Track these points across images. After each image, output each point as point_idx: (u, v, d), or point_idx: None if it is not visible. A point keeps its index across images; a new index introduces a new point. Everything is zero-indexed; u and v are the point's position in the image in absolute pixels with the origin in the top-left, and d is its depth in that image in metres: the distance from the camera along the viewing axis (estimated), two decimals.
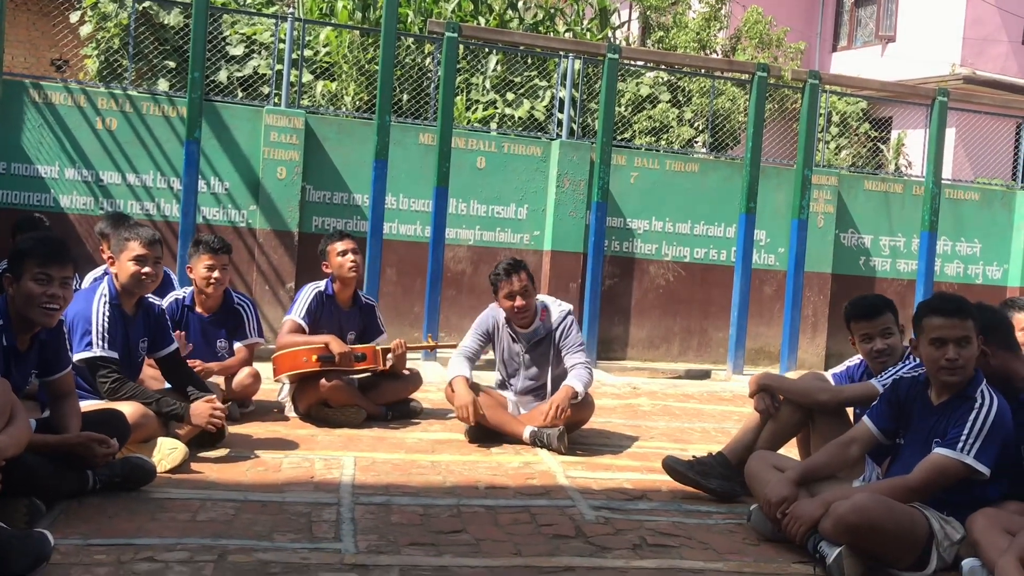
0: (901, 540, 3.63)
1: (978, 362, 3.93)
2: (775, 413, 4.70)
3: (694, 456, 4.88)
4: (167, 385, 5.23)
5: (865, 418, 4.14)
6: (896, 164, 15.14)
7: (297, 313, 6.11)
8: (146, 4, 11.44)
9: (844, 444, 4.13)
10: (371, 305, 6.57)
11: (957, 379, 3.83)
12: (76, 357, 4.59)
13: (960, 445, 3.69)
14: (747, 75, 10.80)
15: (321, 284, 6.30)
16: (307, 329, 6.10)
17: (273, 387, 6.40)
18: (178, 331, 5.70)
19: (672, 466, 4.80)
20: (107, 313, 4.77)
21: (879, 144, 15.35)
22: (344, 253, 6.22)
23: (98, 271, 6.63)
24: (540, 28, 13.92)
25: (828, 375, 5.17)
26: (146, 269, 4.89)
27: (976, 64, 18.78)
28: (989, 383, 3.87)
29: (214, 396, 5.04)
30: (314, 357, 5.91)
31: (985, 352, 4.00)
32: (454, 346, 6.16)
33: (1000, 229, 12.07)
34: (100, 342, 4.70)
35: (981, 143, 14.10)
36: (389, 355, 6.23)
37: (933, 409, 3.92)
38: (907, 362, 4.57)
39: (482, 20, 13.37)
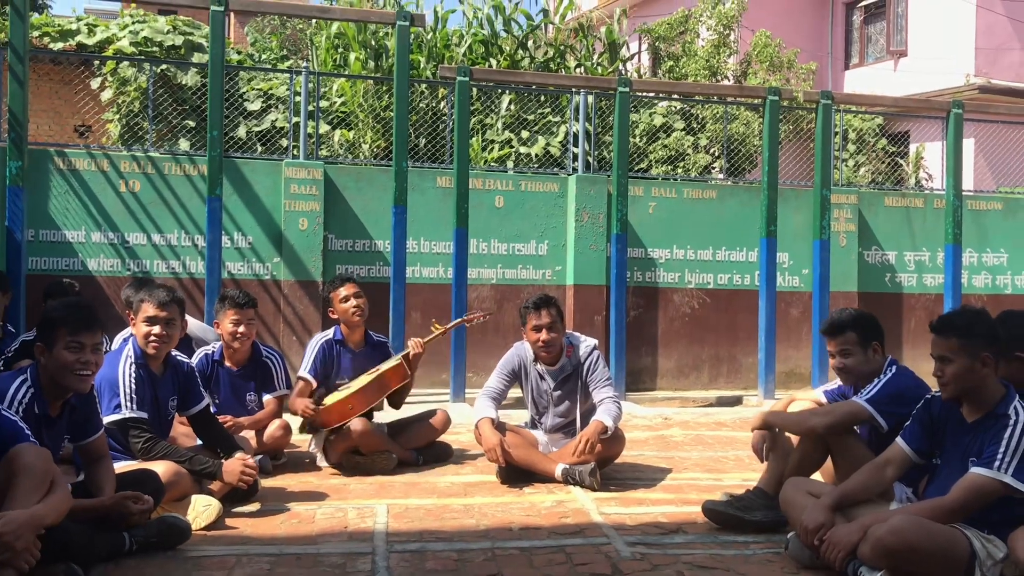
0: (941, 561, 3.57)
1: (1004, 372, 3.89)
2: (769, 452, 4.75)
3: (730, 495, 4.85)
4: (199, 441, 5.29)
5: (899, 439, 4.09)
6: (916, 178, 15.07)
7: (304, 369, 6.21)
8: (164, 67, 11.65)
9: (879, 467, 4.08)
10: (383, 342, 6.60)
11: (946, 395, 3.88)
12: (106, 420, 4.63)
13: (997, 464, 3.64)
14: (759, 99, 10.84)
15: (329, 332, 6.38)
16: (315, 383, 6.18)
17: (303, 438, 6.43)
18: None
19: (711, 509, 4.76)
20: (133, 374, 4.83)
21: (898, 159, 15.30)
22: (347, 299, 6.28)
23: (126, 332, 6.71)
24: (551, 65, 14.04)
25: (820, 391, 5.19)
26: (155, 330, 4.95)
27: (991, 73, 18.71)
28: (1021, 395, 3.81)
29: (246, 454, 5.08)
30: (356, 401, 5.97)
31: (1021, 360, 3.99)
32: (471, 320, 6.37)
33: None
34: (129, 403, 4.76)
35: (1001, 152, 14.02)
36: (411, 354, 6.23)
37: (967, 427, 3.87)
38: (886, 375, 4.56)
39: (493, 61, 13.50)
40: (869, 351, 4.66)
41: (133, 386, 4.80)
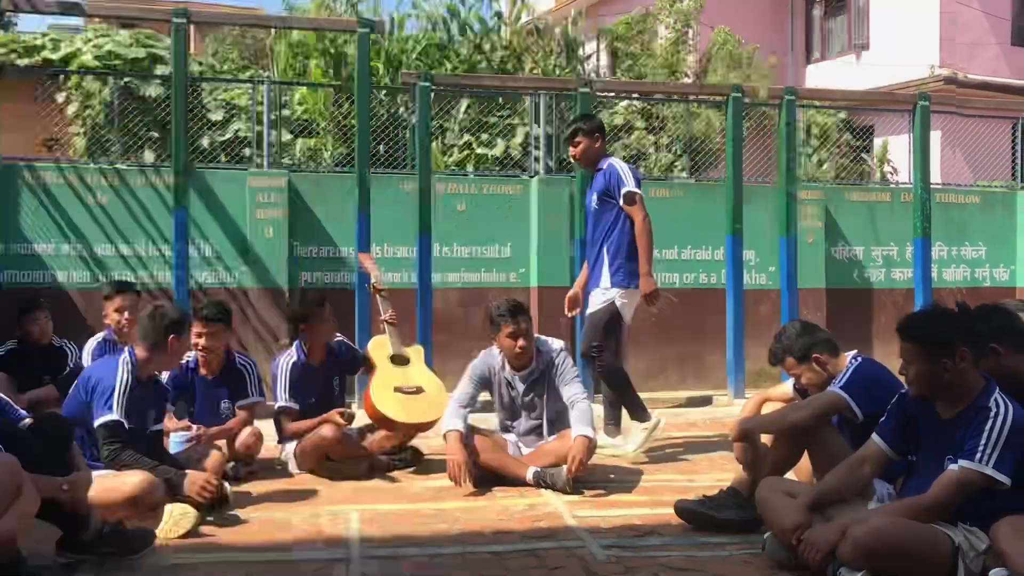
0: (923, 560, 3.60)
1: (986, 366, 3.93)
2: (757, 461, 4.73)
3: (704, 495, 4.88)
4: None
5: (875, 436, 4.09)
6: (881, 172, 15.20)
7: (283, 399, 6.22)
8: (127, 79, 11.62)
9: (856, 464, 4.08)
10: (341, 343, 6.63)
11: (912, 394, 3.93)
12: (97, 422, 4.73)
13: (978, 456, 3.64)
14: (722, 97, 10.90)
15: (292, 353, 6.37)
16: (298, 408, 6.22)
17: (275, 444, 6.44)
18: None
19: (684, 507, 4.80)
20: (129, 382, 4.88)
21: (862, 154, 15.43)
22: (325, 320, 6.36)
23: (99, 336, 6.77)
24: (508, 67, 14.04)
25: (789, 384, 5.28)
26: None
27: (968, 68, 18.84)
28: (1001, 386, 3.84)
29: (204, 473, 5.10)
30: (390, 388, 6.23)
31: (998, 353, 4.04)
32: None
33: (1004, 231, 11.97)
34: (119, 408, 4.79)
35: (976, 146, 14.09)
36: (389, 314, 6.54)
37: (943, 423, 3.87)
38: (852, 364, 4.66)
39: (448, 65, 13.49)
40: (811, 364, 4.78)
41: (127, 392, 4.83)
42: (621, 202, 6.64)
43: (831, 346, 4.83)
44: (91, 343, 6.73)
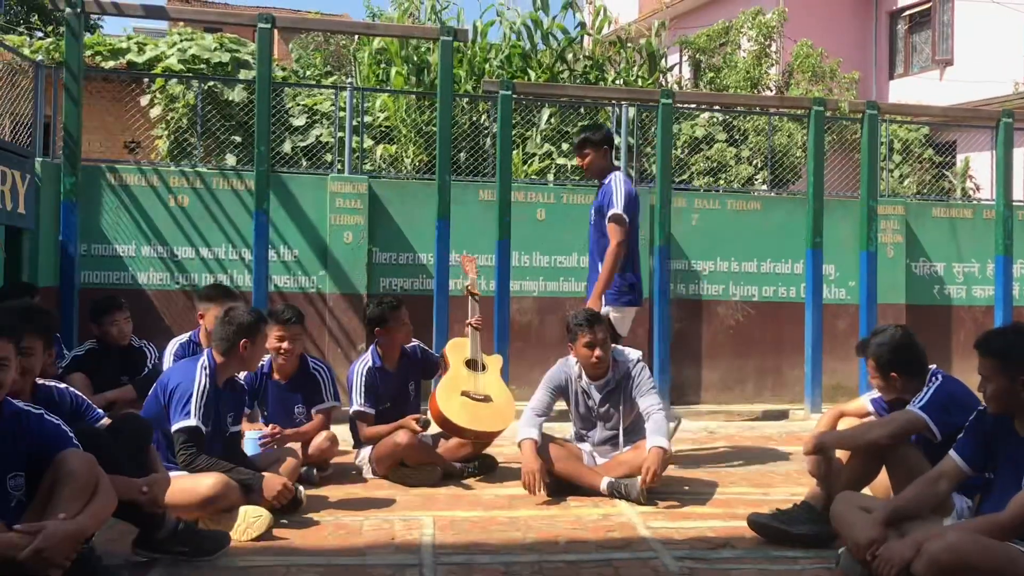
0: None
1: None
2: (831, 476, 4.69)
3: (777, 508, 4.82)
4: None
5: (952, 452, 4.04)
6: (963, 189, 14.87)
7: (359, 403, 6.24)
8: (211, 83, 11.83)
9: (932, 480, 4.03)
10: (415, 347, 6.63)
11: (990, 410, 3.89)
12: (175, 427, 4.80)
13: None
14: (803, 110, 10.75)
15: (368, 357, 6.40)
16: (374, 412, 6.24)
17: (350, 449, 6.48)
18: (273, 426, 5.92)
19: (757, 521, 4.77)
20: (207, 387, 4.94)
21: (944, 170, 15.11)
22: (396, 327, 6.37)
23: (182, 338, 6.80)
24: (590, 78, 14.04)
25: (866, 399, 5.25)
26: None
27: None
28: None
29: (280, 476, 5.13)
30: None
31: None
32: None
33: None
34: (197, 413, 4.85)
35: None
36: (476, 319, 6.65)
37: (1021, 441, 3.81)
38: (932, 383, 4.59)
39: (532, 74, 13.54)
40: (887, 377, 4.76)
41: (205, 398, 4.89)
42: (606, 220, 6.58)
43: (914, 369, 4.74)
44: (172, 344, 6.69)
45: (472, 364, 6.51)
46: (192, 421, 4.81)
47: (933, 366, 4.78)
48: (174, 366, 5.23)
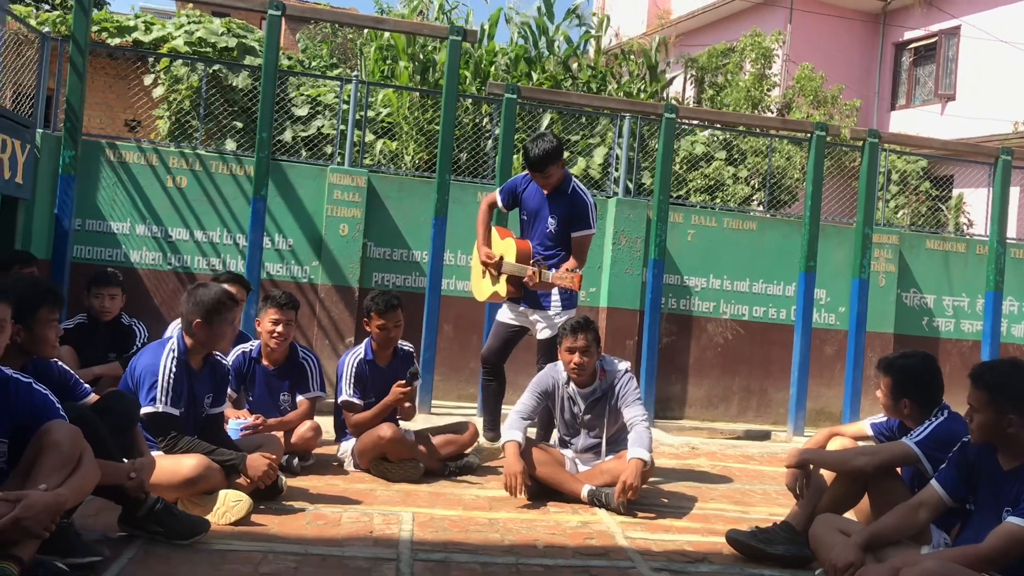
0: None
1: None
2: (805, 492, 4.70)
3: (756, 527, 4.83)
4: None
5: (933, 482, 4.05)
6: (956, 223, 14.96)
7: (347, 393, 6.18)
8: (216, 67, 11.81)
9: (912, 508, 4.04)
10: (408, 352, 6.59)
11: (973, 440, 3.91)
12: (142, 411, 4.71)
13: None
14: (804, 133, 10.80)
15: (360, 350, 6.35)
16: (361, 404, 6.19)
17: (333, 440, 6.47)
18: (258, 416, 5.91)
19: (735, 538, 4.76)
20: (173, 369, 4.86)
21: (939, 203, 15.19)
22: (384, 327, 6.24)
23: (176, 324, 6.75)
24: (592, 87, 14.08)
25: (867, 423, 5.22)
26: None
27: None
28: None
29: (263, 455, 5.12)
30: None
31: None
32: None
33: None
34: (164, 398, 4.79)
35: None
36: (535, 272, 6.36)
37: (1003, 475, 3.83)
38: (937, 418, 4.55)
39: (535, 77, 13.58)
40: (898, 402, 4.70)
41: (171, 381, 4.84)
42: (575, 231, 6.59)
43: (925, 401, 4.69)
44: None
45: (504, 266, 6.57)
46: (157, 407, 4.76)
47: (943, 403, 4.71)
48: (143, 349, 5.13)
